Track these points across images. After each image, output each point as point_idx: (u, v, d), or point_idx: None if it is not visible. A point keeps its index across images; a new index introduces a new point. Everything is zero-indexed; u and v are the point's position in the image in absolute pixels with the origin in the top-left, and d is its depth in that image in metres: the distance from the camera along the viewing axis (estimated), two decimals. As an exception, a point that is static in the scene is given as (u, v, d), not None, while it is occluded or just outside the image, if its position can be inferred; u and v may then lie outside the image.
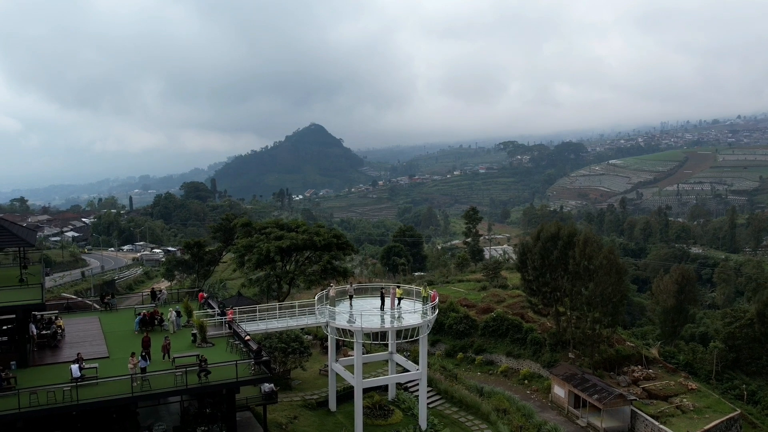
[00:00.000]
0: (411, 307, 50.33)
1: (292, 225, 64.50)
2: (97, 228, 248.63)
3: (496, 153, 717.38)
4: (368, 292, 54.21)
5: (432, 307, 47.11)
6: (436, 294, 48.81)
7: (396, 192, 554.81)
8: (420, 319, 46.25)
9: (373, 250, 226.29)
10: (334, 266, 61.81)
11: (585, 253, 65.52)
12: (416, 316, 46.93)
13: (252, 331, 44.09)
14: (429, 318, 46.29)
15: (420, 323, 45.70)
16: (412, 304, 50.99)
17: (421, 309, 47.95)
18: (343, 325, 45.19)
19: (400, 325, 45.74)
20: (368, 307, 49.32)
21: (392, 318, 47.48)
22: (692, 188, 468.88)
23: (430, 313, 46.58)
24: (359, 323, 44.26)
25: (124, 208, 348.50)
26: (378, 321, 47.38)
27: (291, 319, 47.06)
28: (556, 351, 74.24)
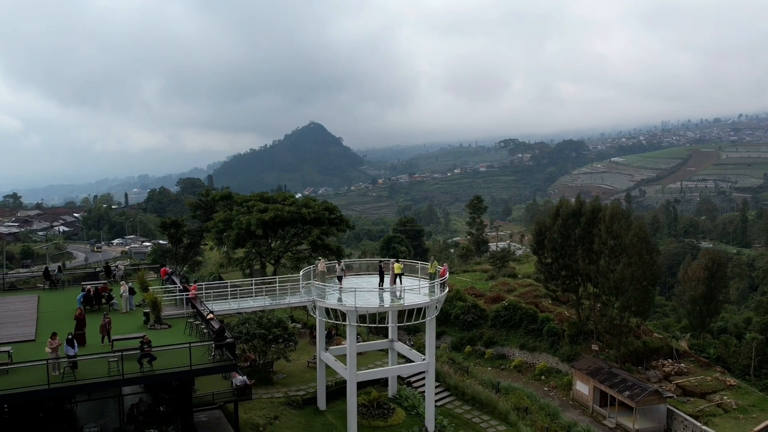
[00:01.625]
0: (416, 285, 42.37)
1: (278, 197, 56.30)
2: (87, 222, 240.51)
3: (497, 151, 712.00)
4: (364, 269, 46.00)
5: (441, 284, 38.85)
6: (446, 269, 40.53)
7: (396, 190, 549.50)
8: (427, 297, 38.13)
9: (372, 246, 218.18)
10: (325, 243, 53.51)
11: (612, 230, 57.39)
12: (422, 294, 38.74)
13: (221, 312, 36.17)
14: (438, 297, 38.12)
15: (427, 302, 37.53)
16: (417, 282, 42.94)
17: (427, 284, 39.95)
18: (333, 304, 37.09)
19: (402, 305, 37.76)
20: (364, 285, 41.29)
21: (393, 296, 39.21)
22: (696, 185, 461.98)
23: (438, 291, 38.35)
24: (352, 302, 36.07)
25: (120, 205, 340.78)
26: (375, 300, 39.24)
27: (270, 298, 38.92)
28: (577, 343, 66.14)
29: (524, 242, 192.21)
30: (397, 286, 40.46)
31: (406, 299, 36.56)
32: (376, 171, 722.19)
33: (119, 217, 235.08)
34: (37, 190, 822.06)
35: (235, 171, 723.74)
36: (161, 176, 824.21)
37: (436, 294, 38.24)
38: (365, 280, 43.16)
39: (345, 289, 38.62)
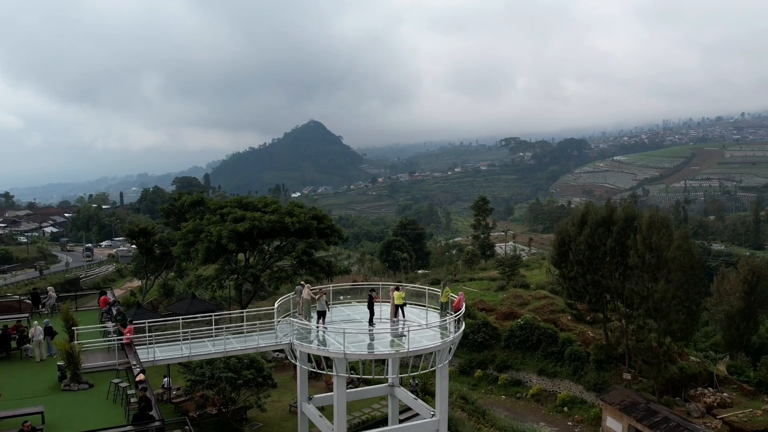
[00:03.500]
0: (422, 316, 33.76)
1: (259, 203, 47.60)
2: (75, 223, 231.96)
3: (498, 150, 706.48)
4: (357, 294, 37.30)
5: (457, 320, 30.20)
6: (461, 299, 31.86)
7: (396, 189, 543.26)
8: (437, 338, 29.54)
9: (371, 247, 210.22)
10: (312, 258, 44.80)
11: (650, 241, 48.81)
12: (431, 333, 30.11)
13: (168, 360, 27.64)
14: (453, 337, 29.52)
15: (438, 345, 28.97)
16: (424, 312, 34.34)
17: (437, 322, 31.43)
18: (316, 349, 28.66)
19: (405, 350, 28.69)
20: (357, 316, 32.77)
21: (394, 337, 30.46)
22: (700, 185, 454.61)
23: (453, 329, 29.74)
24: (340, 346, 27.58)
25: (115, 204, 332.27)
26: (372, 342, 30.63)
27: (235, 339, 30.47)
28: (604, 369, 57.68)
29: (531, 245, 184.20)
30: (398, 320, 31.97)
31: (411, 341, 27.88)
32: (376, 170, 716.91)
33: (109, 218, 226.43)
34: (36, 188, 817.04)
35: (234, 170, 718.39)
36: (160, 175, 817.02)
37: (449, 334, 29.65)
38: (359, 311, 34.49)
39: (331, 327, 30.07)
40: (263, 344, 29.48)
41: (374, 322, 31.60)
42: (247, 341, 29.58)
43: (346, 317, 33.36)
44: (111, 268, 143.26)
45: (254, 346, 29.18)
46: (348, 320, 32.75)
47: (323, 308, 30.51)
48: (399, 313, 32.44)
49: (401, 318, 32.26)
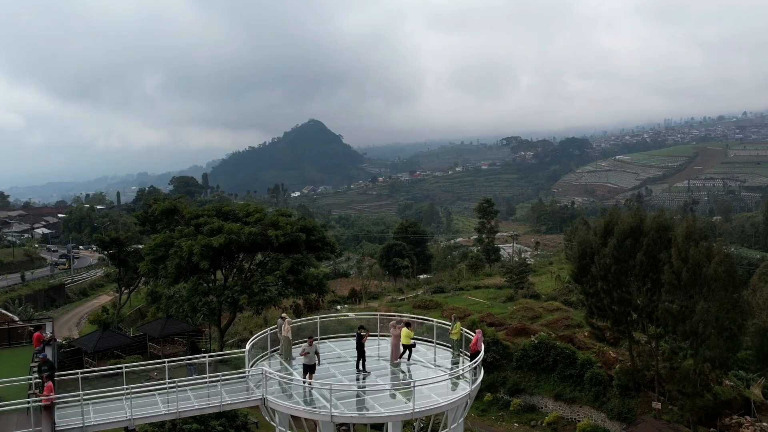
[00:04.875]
0: (429, 357, 27.66)
1: (240, 212, 41.52)
2: (67, 224, 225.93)
3: (499, 149, 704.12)
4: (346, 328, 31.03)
5: (475, 367, 24.02)
6: (480, 338, 25.71)
7: (396, 188, 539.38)
8: (451, 392, 23.39)
9: (371, 249, 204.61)
10: (300, 278, 38.66)
11: (687, 256, 42.71)
12: (442, 387, 23.92)
13: (105, 424, 21.60)
14: (469, 391, 23.40)
15: (451, 403, 22.86)
16: (432, 352, 28.28)
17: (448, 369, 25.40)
18: (295, 408, 22.56)
19: (409, 410, 22.04)
20: (350, 357, 26.74)
21: (394, 388, 23.99)
22: (703, 184, 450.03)
23: (470, 380, 23.57)
24: (326, 404, 21.51)
25: (112, 204, 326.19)
26: (363, 397, 24.23)
27: (192, 395, 24.10)
28: (630, 396, 51.55)
29: (538, 248, 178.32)
30: (402, 361, 25.88)
31: (418, 398, 21.67)
32: (376, 169, 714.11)
33: (101, 219, 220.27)
34: (36, 187, 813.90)
35: (234, 169, 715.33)
36: (160, 174, 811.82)
37: (467, 386, 23.49)
38: (350, 349, 28.30)
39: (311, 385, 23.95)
40: (229, 400, 23.40)
41: (365, 367, 25.45)
42: (210, 396, 23.44)
43: (335, 357, 27.30)
44: (99, 273, 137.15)
45: (217, 403, 23.13)
46: (337, 361, 26.67)
47: (312, 362, 24.12)
48: (405, 354, 26.40)
49: (406, 361, 26.26)
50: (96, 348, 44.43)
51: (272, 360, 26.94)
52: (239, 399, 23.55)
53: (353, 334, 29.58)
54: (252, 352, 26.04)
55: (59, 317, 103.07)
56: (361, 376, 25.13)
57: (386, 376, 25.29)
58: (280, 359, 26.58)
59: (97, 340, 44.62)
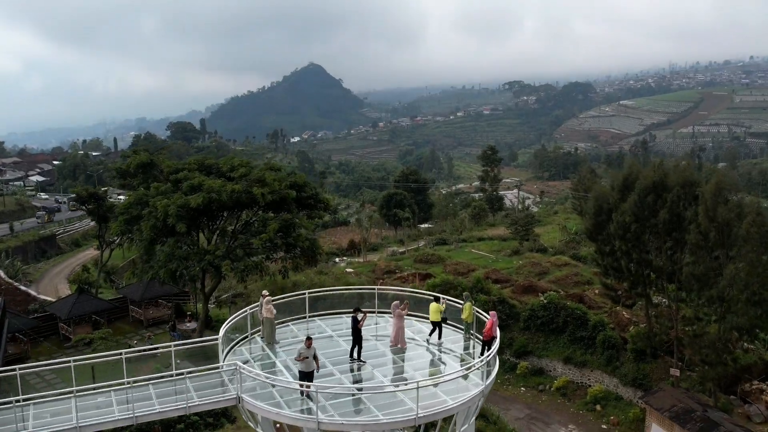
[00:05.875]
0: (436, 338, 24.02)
1: (224, 167, 37.42)
2: (62, 172, 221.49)
3: (501, 94, 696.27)
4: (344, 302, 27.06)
5: (491, 358, 20.24)
6: (494, 320, 21.94)
7: (397, 134, 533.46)
8: (461, 389, 19.82)
9: (372, 196, 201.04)
10: (289, 240, 34.76)
11: (715, 215, 38.86)
12: (451, 382, 20.31)
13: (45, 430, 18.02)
14: (482, 388, 19.80)
15: (460, 405, 19.22)
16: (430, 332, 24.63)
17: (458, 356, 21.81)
18: (273, 413, 18.83)
19: (412, 415, 18.30)
20: (344, 342, 23.10)
21: (394, 387, 20.30)
22: (708, 130, 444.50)
23: (483, 375, 19.86)
24: (312, 406, 17.97)
25: (109, 150, 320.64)
26: (357, 402, 19.99)
27: (154, 393, 20.04)
28: (645, 361, 48.37)
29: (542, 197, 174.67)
30: (431, 342, 22.41)
31: (422, 396, 18.02)
32: (377, 114, 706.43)
33: (96, 166, 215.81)
34: (35, 133, 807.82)
35: (233, 114, 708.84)
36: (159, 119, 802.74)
37: (478, 385, 19.85)
38: (343, 329, 24.57)
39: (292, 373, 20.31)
40: (197, 401, 19.81)
41: (360, 356, 21.80)
42: (177, 394, 19.78)
43: (326, 338, 23.68)
44: (92, 223, 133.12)
45: (182, 405, 19.55)
46: (327, 347, 22.98)
47: (311, 368, 19.96)
48: (435, 333, 22.97)
49: (434, 341, 22.82)
50: (71, 314, 41.11)
51: (253, 345, 23.38)
52: (210, 399, 19.95)
53: (348, 311, 25.91)
54: (229, 336, 22.44)
55: (50, 269, 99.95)
56: (355, 365, 21.58)
57: (384, 366, 21.70)
58: (261, 343, 23.02)
59: (72, 306, 41.24)
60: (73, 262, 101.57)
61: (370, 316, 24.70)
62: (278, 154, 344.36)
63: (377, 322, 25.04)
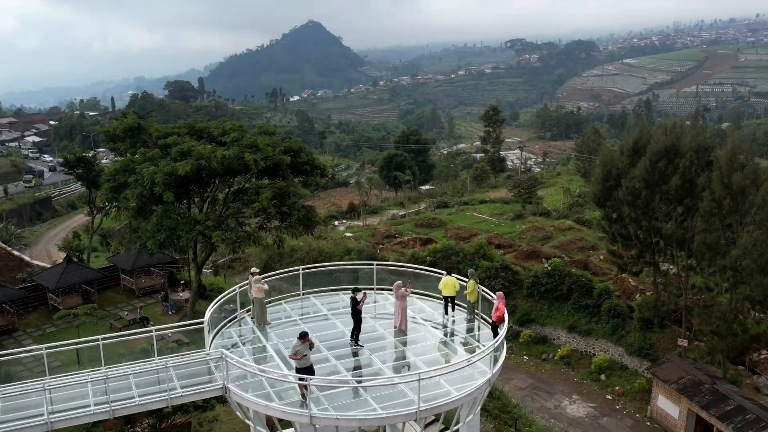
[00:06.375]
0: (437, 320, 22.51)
1: (215, 131, 35.47)
2: (58, 132, 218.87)
3: (503, 52, 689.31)
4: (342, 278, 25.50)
5: (498, 344, 18.59)
6: (503, 302, 20.16)
7: (397, 92, 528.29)
8: (466, 378, 18.35)
9: (372, 156, 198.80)
10: (283, 210, 33.01)
11: (730, 182, 37.14)
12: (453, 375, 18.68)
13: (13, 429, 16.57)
14: (489, 376, 18.34)
15: (465, 395, 17.70)
16: (440, 311, 23.10)
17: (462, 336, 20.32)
18: (262, 405, 17.35)
19: (413, 409, 16.79)
20: (339, 323, 21.58)
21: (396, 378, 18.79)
22: (712, 90, 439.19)
23: (490, 362, 18.34)
24: (306, 403, 16.73)
25: (106, 110, 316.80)
26: (354, 393, 18.30)
27: (134, 382, 18.49)
28: (652, 330, 47.14)
29: (546, 158, 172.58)
30: (449, 319, 21.02)
31: (424, 387, 16.49)
32: (377, 72, 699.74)
33: (93, 127, 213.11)
34: (32, 93, 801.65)
35: (232, 73, 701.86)
36: (157, 78, 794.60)
37: (485, 370, 18.37)
38: (339, 310, 22.97)
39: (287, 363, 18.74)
40: (181, 392, 18.30)
41: (358, 339, 20.26)
42: (159, 386, 18.24)
43: (321, 318, 22.13)
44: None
45: (164, 397, 18.11)
46: (324, 329, 21.45)
47: (308, 363, 17.92)
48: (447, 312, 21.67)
49: (448, 317, 21.45)
50: (59, 284, 39.66)
51: (243, 327, 21.89)
52: (193, 390, 18.43)
53: (345, 289, 24.38)
54: (216, 317, 20.91)
55: (45, 233, 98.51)
56: (351, 349, 20.09)
57: (384, 351, 20.21)
58: (252, 325, 21.54)
59: (60, 275, 39.78)
60: (69, 225, 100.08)
61: (369, 294, 23.18)
62: (277, 114, 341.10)
63: (376, 300, 23.54)
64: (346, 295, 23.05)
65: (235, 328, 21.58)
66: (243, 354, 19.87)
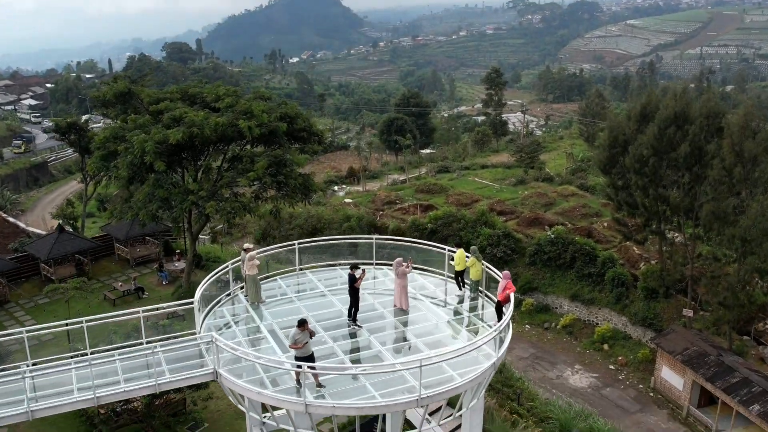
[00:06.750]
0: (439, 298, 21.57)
1: (209, 96, 34.05)
2: (54, 95, 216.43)
3: (505, 12, 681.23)
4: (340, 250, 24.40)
5: (504, 327, 17.54)
6: (510, 282, 19.01)
7: (398, 54, 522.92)
8: (467, 365, 17.11)
9: (372, 118, 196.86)
10: (279, 178, 31.81)
11: (742, 149, 35.97)
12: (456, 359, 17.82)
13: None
14: (492, 361, 17.35)
15: (469, 381, 16.78)
16: (442, 289, 22.17)
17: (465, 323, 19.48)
18: (254, 392, 16.39)
19: (414, 397, 15.79)
20: (337, 301, 20.65)
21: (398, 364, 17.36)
22: (716, 51, 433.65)
23: (496, 345, 17.41)
24: (301, 391, 16.08)
25: (104, 72, 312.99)
26: (355, 380, 17.04)
27: (120, 367, 17.59)
28: (656, 299, 46.34)
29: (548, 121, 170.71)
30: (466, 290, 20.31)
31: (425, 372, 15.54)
32: (377, 33, 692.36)
33: (90, 89, 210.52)
34: (29, 54, 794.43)
35: (230, 34, 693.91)
36: (155, 39, 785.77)
37: (490, 353, 17.45)
38: (337, 287, 22.03)
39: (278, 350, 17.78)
40: (170, 378, 17.38)
41: (356, 318, 19.28)
42: (149, 367, 17.33)
43: (317, 299, 21.14)
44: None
45: (151, 383, 17.23)
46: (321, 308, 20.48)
47: (309, 352, 16.71)
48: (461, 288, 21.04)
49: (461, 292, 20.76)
50: (51, 254, 38.68)
51: (236, 305, 20.93)
52: (183, 375, 17.46)
53: (343, 264, 23.36)
54: (207, 295, 19.94)
55: (42, 198, 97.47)
56: (348, 330, 19.13)
57: (383, 332, 19.26)
58: (246, 303, 20.58)
59: (52, 246, 38.78)
60: (66, 190, 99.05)
61: (368, 269, 22.18)
62: (276, 76, 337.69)
63: (375, 276, 22.56)
64: (344, 270, 22.07)
65: (228, 307, 20.63)
66: (235, 335, 18.94)
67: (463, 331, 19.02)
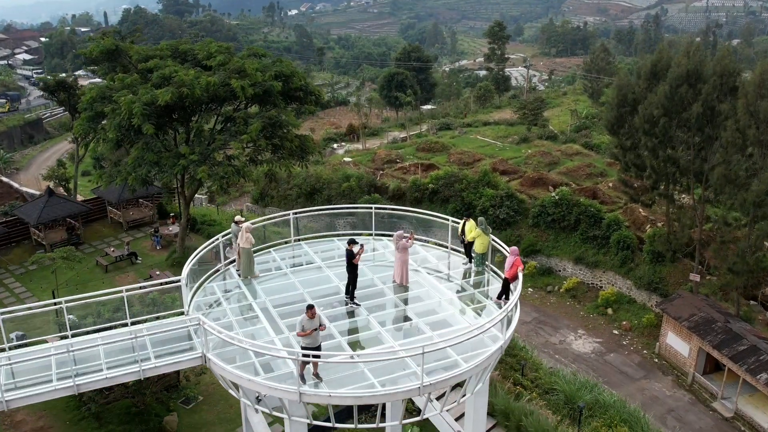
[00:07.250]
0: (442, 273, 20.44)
1: (200, 53, 32.39)
2: (49, 50, 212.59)
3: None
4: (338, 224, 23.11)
5: (511, 309, 16.43)
6: (518, 258, 17.76)
7: (398, 6, 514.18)
8: (472, 348, 15.96)
9: (372, 73, 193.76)
10: (275, 140, 30.27)
11: (757, 110, 34.48)
12: (460, 325, 17.08)
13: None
14: (499, 344, 16.15)
15: (475, 367, 15.65)
16: (445, 263, 21.02)
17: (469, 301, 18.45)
18: (246, 379, 15.14)
19: (415, 385, 14.66)
20: (333, 275, 19.53)
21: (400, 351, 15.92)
22: (722, 4, 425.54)
23: (503, 326, 16.32)
24: (292, 372, 15.19)
25: (99, 25, 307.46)
26: (352, 365, 15.85)
27: (103, 351, 16.40)
28: (662, 263, 45.36)
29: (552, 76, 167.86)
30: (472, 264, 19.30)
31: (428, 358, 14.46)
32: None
33: (84, 44, 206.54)
34: (23, 7, 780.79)
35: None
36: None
37: (497, 335, 16.39)
38: (335, 259, 20.86)
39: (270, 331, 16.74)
40: (155, 363, 16.24)
41: (353, 296, 18.14)
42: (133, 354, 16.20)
43: (313, 274, 20.00)
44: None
45: (135, 369, 16.12)
46: (317, 284, 19.36)
47: (317, 343, 15.39)
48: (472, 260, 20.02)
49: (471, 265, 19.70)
50: (40, 219, 37.51)
51: (228, 280, 19.77)
52: (170, 360, 16.41)
53: (341, 234, 22.18)
54: (197, 269, 18.79)
55: (37, 156, 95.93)
56: (345, 308, 18.03)
57: (383, 311, 18.11)
58: (238, 279, 19.45)
59: (42, 210, 37.57)
60: (61, 148, 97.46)
61: (366, 240, 21.02)
62: (275, 29, 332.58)
63: (375, 249, 21.40)
64: (342, 241, 20.91)
65: (219, 282, 19.50)
66: (226, 314, 17.86)
67: (468, 310, 17.89)
